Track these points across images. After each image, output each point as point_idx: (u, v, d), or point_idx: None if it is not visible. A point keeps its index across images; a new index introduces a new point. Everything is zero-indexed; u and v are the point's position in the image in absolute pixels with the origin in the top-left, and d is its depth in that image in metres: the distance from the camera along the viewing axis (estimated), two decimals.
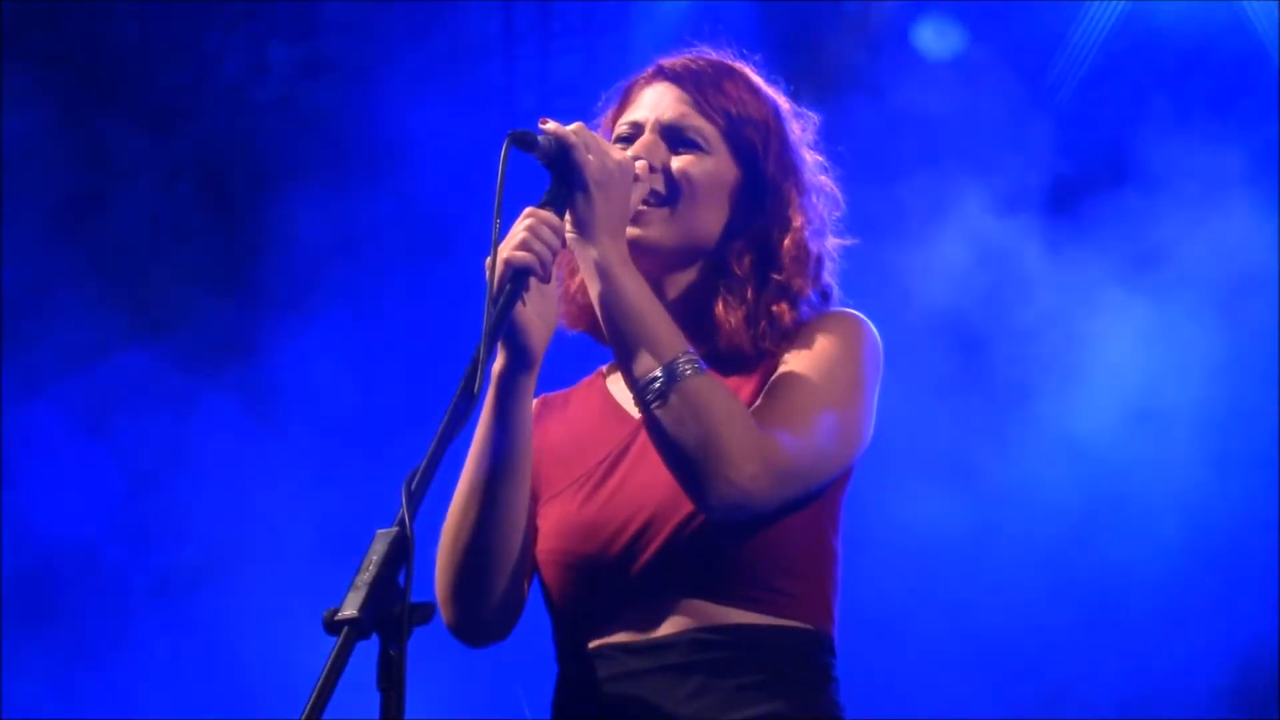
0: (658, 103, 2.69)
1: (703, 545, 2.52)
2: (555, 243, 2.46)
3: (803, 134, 2.75)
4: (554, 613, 2.64)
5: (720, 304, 2.65)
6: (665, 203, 2.64)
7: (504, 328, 2.45)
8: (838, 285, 2.73)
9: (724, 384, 2.50)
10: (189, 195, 5.83)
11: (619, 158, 2.55)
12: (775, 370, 2.61)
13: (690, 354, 2.48)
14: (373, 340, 5.78)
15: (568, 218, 2.52)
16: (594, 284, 2.51)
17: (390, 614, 2.02)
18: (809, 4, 5.73)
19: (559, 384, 2.81)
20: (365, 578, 2.02)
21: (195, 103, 5.83)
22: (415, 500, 2.11)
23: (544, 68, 5.81)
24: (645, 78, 2.74)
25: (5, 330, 5.71)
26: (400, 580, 2.04)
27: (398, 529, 2.06)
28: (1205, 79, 5.61)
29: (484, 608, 2.60)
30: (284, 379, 5.73)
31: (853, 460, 2.61)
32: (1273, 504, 5.45)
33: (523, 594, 2.64)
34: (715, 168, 2.67)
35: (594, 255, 2.50)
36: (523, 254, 2.43)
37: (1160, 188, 5.60)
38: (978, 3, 5.68)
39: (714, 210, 2.67)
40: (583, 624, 2.59)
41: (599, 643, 2.57)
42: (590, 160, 2.50)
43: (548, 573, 2.62)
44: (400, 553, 2.04)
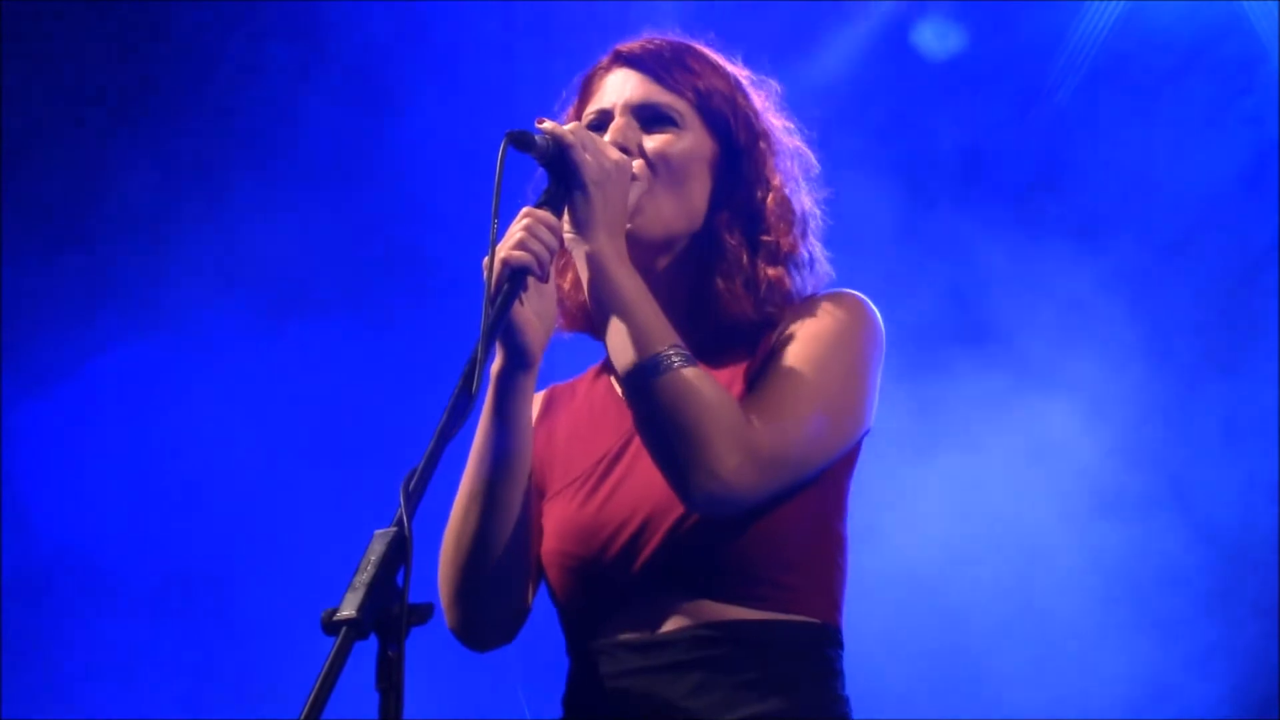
0: (622, 87, 2.68)
1: (700, 543, 2.51)
2: (553, 242, 2.46)
3: (767, 100, 2.75)
4: (561, 612, 2.65)
5: (719, 277, 2.64)
6: (650, 186, 2.62)
7: (502, 327, 2.45)
8: (822, 246, 2.72)
9: (711, 375, 2.49)
10: (189, 194, 5.83)
11: (616, 157, 2.55)
12: (773, 348, 2.59)
13: (679, 346, 2.47)
14: (373, 340, 5.78)
15: (565, 217, 2.52)
16: (588, 281, 2.51)
17: (389, 614, 2.01)
18: (809, 4, 5.73)
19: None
20: (363, 578, 2.01)
21: (196, 102, 5.83)
22: (413, 500, 2.10)
23: (544, 68, 5.81)
24: (603, 66, 2.74)
25: (5, 330, 5.71)
26: (398, 580, 2.04)
27: (396, 529, 2.05)
28: (1205, 79, 5.61)
29: (488, 611, 2.60)
30: (284, 379, 5.73)
31: (849, 446, 2.59)
32: (1273, 506, 5.45)
33: (528, 596, 2.64)
34: (692, 143, 2.67)
35: (591, 254, 2.50)
36: (520, 254, 2.43)
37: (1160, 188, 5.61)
38: (978, 3, 5.68)
39: (697, 185, 2.66)
40: (587, 623, 2.59)
41: (603, 641, 2.57)
42: (588, 160, 2.50)
43: (550, 574, 2.62)
44: (398, 553, 2.04)
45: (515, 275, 2.43)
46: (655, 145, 2.65)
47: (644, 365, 2.46)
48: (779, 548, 2.53)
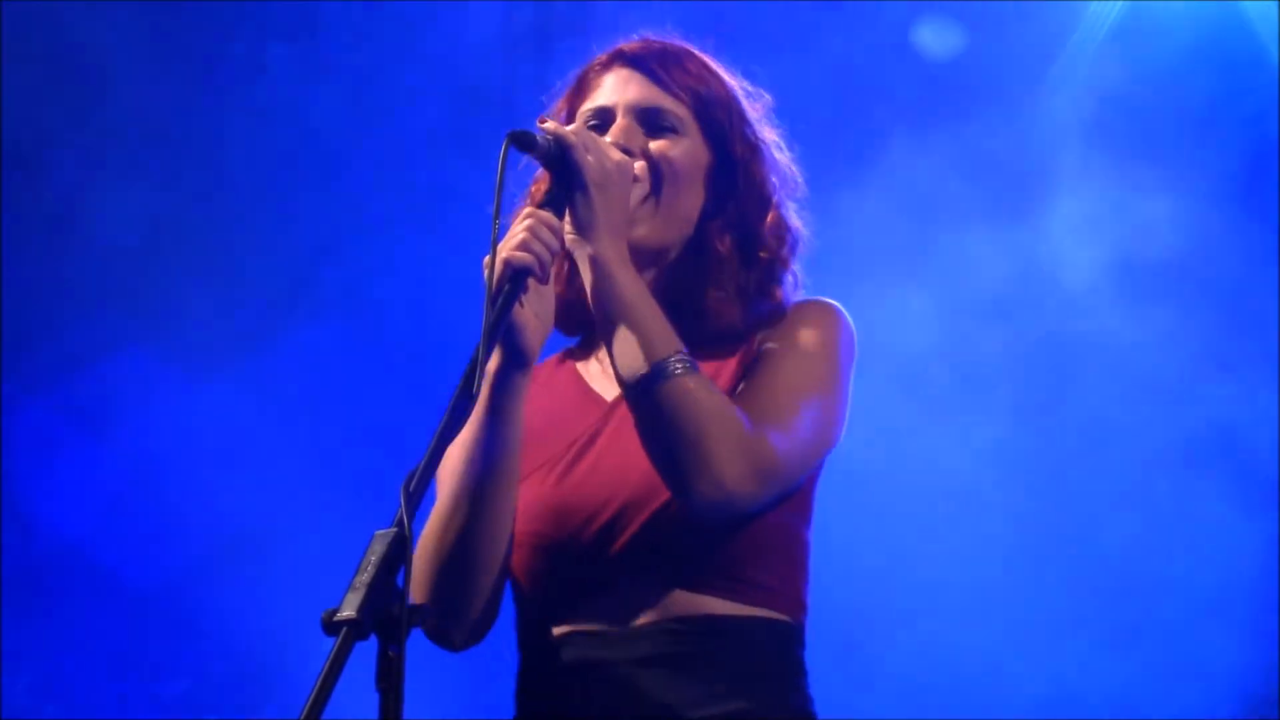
0: (624, 87, 2.69)
1: (677, 534, 2.52)
2: (554, 243, 2.47)
3: (761, 113, 2.76)
4: (521, 597, 2.62)
5: (708, 286, 2.66)
6: (650, 191, 2.64)
7: (503, 328, 2.45)
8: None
9: (714, 384, 2.50)
10: (189, 194, 5.83)
11: (618, 158, 2.55)
12: (755, 356, 2.62)
13: (682, 353, 2.48)
14: (373, 340, 5.78)
15: (566, 218, 2.52)
16: (591, 282, 2.51)
17: (389, 615, 2.01)
18: (809, 5, 5.72)
19: None
20: (363, 578, 2.02)
21: (196, 103, 5.83)
22: (414, 501, 2.11)
23: (544, 68, 5.81)
24: (601, 64, 2.74)
25: (5, 330, 5.71)
26: (399, 581, 2.04)
27: (396, 530, 2.06)
28: (1205, 79, 5.61)
29: (464, 611, 2.57)
30: (284, 379, 5.73)
31: (830, 450, 2.62)
32: (1273, 506, 5.45)
33: (501, 595, 2.62)
34: (691, 149, 2.68)
35: (593, 255, 2.51)
36: (522, 254, 2.43)
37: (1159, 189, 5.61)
38: (978, 3, 5.68)
39: (693, 192, 2.68)
40: (552, 610, 2.58)
41: (568, 629, 2.56)
42: (589, 161, 2.51)
43: (518, 555, 2.60)
44: (398, 553, 2.04)
45: (516, 276, 2.43)
46: (657, 150, 2.66)
47: (648, 372, 2.46)
48: (753, 543, 2.55)
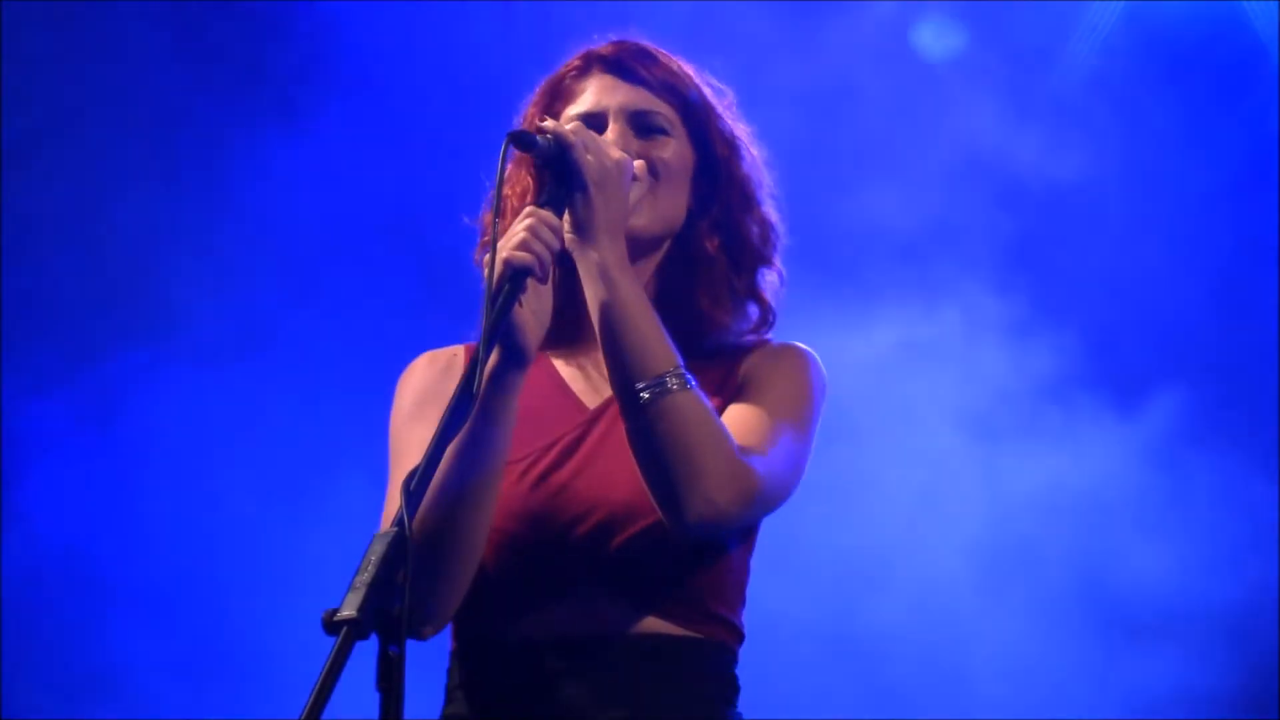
0: (610, 91, 2.70)
1: (651, 556, 2.54)
2: (555, 243, 2.47)
3: (729, 110, 2.78)
4: (474, 596, 2.57)
5: (697, 286, 2.69)
6: (648, 189, 2.65)
7: (503, 327, 2.45)
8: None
9: (709, 403, 2.51)
10: (190, 194, 5.83)
11: (617, 157, 2.55)
12: (743, 383, 2.65)
13: (680, 369, 2.48)
14: (373, 340, 5.77)
15: (566, 218, 2.52)
16: (590, 286, 2.51)
17: (389, 614, 2.02)
18: (810, 5, 5.72)
19: None
20: (364, 578, 2.01)
21: (196, 103, 5.83)
22: (414, 500, 2.11)
23: (544, 67, 5.80)
24: (576, 69, 2.76)
25: (6, 331, 5.71)
26: (399, 580, 2.04)
27: (396, 529, 2.06)
28: (1205, 79, 5.61)
29: (437, 601, 2.55)
30: (285, 378, 5.73)
31: (794, 490, 2.65)
32: (1273, 506, 5.45)
33: (466, 588, 2.59)
34: (680, 150, 2.70)
35: (593, 257, 2.51)
36: (522, 254, 2.43)
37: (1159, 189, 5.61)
38: (978, 3, 5.68)
39: (682, 193, 2.69)
40: (507, 609, 2.57)
41: (517, 633, 2.56)
42: (589, 160, 2.51)
43: (486, 552, 2.57)
44: (399, 553, 2.04)
45: (516, 275, 2.43)
46: (652, 152, 2.67)
47: (646, 385, 2.47)
48: (720, 575, 2.59)
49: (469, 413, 2.28)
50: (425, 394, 2.72)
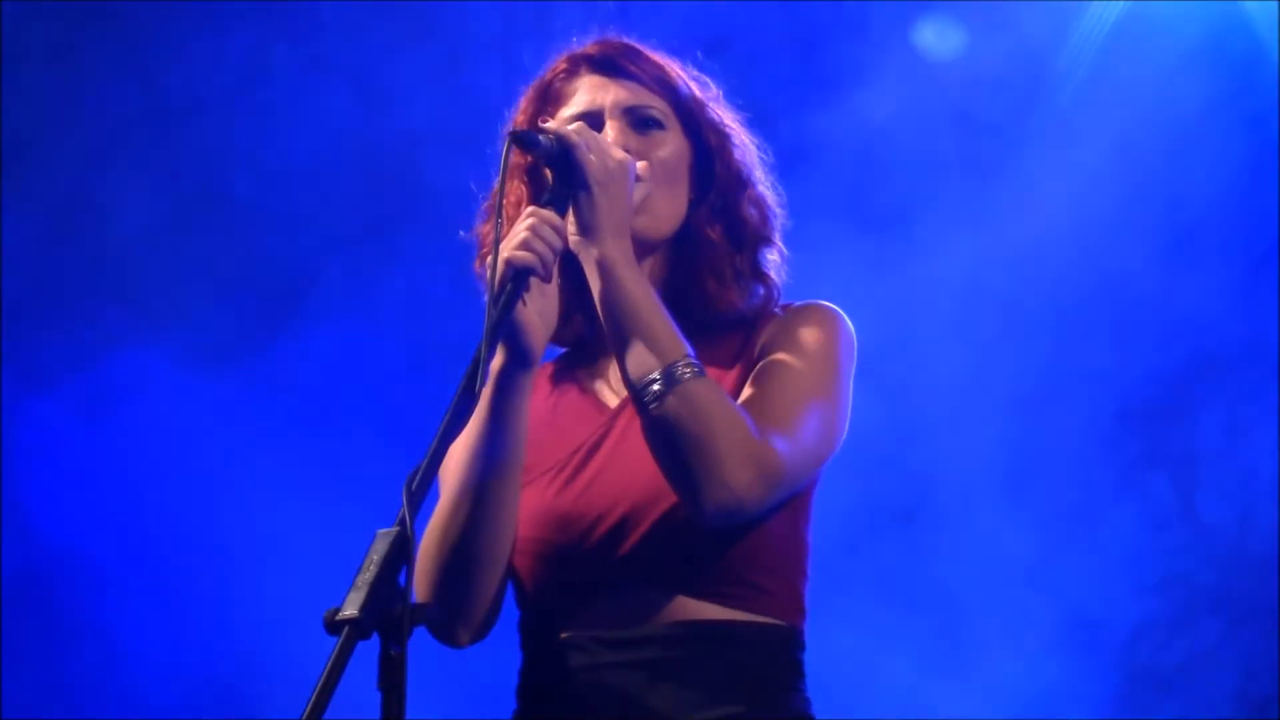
0: (603, 90, 2.71)
1: (681, 541, 2.53)
2: (557, 242, 2.47)
3: (713, 97, 2.79)
4: (524, 600, 2.63)
5: (706, 273, 2.69)
6: (647, 190, 2.65)
7: (505, 327, 2.46)
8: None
9: (722, 389, 2.51)
10: (190, 194, 5.83)
11: (620, 157, 2.56)
12: (757, 358, 2.63)
13: (690, 358, 2.48)
14: (374, 340, 5.78)
15: (569, 218, 2.52)
16: (596, 284, 2.52)
17: (391, 614, 2.02)
18: (810, 5, 5.73)
19: None
20: (366, 577, 2.02)
21: (196, 103, 5.83)
22: (416, 500, 2.11)
23: (544, 67, 5.80)
24: (564, 71, 2.76)
25: (5, 330, 5.71)
26: (401, 580, 2.04)
27: (398, 529, 2.06)
28: (1205, 79, 5.61)
29: (469, 608, 2.58)
30: (285, 379, 5.73)
31: (833, 454, 2.63)
32: (1273, 506, 5.45)
33: (504, 594, 2.63)
34: (677, 144, 2.71)
35: (597, 255, 2.51)
36: (524, 254, 2.44)
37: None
38: (978, 3, 5.68)
39: (682, 186, 2.70)
40: (554, 614, 2.59)
41: (570, 634, 2.57)
42: (592, 160, 2.51)
43: (520, 561, 2.60)
44: (401, 553, 2.05)
45: (519, 275, 2.43)
46: (651, 148, 2.67)
47: (656, 376, 2.47)
48: (756, 549, 2.57)
49: (469, 412, 2.29)
50: None
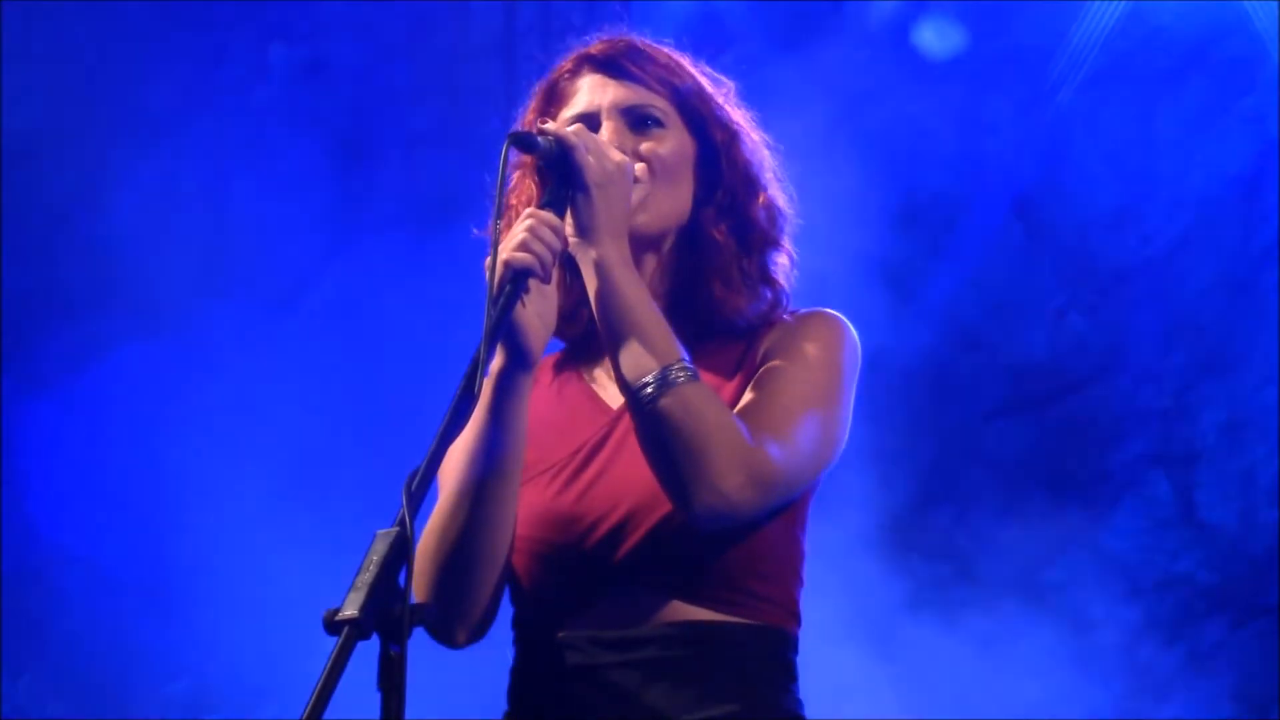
0: (602, 90, 2.69)
1: (679, 543, 2.53)
2: (556, 244, 2.47)
3: (730, 97, 2.77)
4: (520, 599, 2.63)
5: (711, 273, 2.67)
6: (644, 188, 2.64)
7: (504, 329, 2.46)
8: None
9: (715, 394, 2.51)
10: (189, 194, 5.84)
11: (618, 159, 2.56)
12: (759, 364, 2.63)
13: (683, 361, 2.49)
14: (374, 340, 5.78)
15: (568, 219, 2.52)
16: (593, 285, 2.52)
17: (391, 614, 2.02)
18: (810, 4, 5.73)
19: None
20: (366, 578, 2.02)
21: (196, 103, 5.84)
22: (416, 501, 2.11)
23: (544, 68, 5.81)
24: (569, 71, 2.75)
25: (5, 330, 5.71)
26: (400, 580, 2.05)
27: (398, 529, 2.06)
28: (1205, 79, 5.61)
29: (466, 608, 2.58)
30: (284, 379, 5.74)
31: (832, 463, 2.62)
32: (1273, 506, 5.46)
33: (502, 594, 2.63)
34: (678, 142, 2.69)
35: (594, 257, 2.51)
36: (523, 255, 2.44)
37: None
38: (978, 3, 5.69)
39: (685, 184, 2.68)
40: (550, 613, 2.58)
41: (566, 633, 2.57)
42: (590, 162, 2.51)
43: (518, 560, 2.60)
44: (400, 553, 2.05)
45: (518, 277, 2.43)
46: (649, 147, 2.66)
47: (650, 380, 2.47)
48: (753, 553, 2.56)
49: (468, 413, 2.29)
50: None
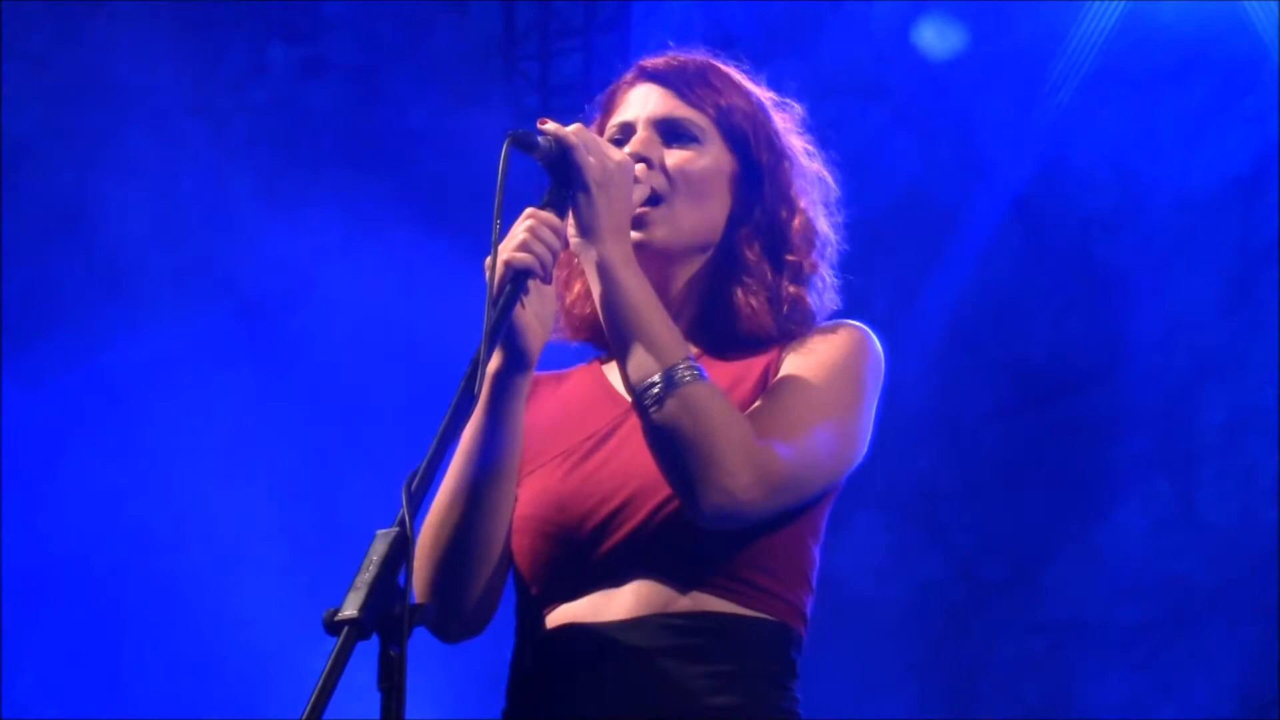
0: (645, 101, 2.70)
1: (680, 531, 2.52)
2: (556, 244, 2.47)
3: (789, 123, 2.76)
4: (522, 584, 2.63)
5: (739, 291, 2.66)
6: (665, 200, 2.64)
7: (504, 329, 2.46)
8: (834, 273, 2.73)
9: (722, 392, 2.50)
10: (189, 194, 5.84)
11: (619, 158, 2.55)
12: (780, 368, 2.62)
13: (690, 360, 2.49)
14: (374, 340, 5.78)
15: (569, 219, 2.52)
16: (597, 285, 2.52)
17: (391, 614, 2.02)
18: (809, 4, 5.73)
19: None
20: (365, 578, 2.02)
21: (197, 103, 5.84)
22: (416, 501, 2.11)
23: (544, 68, 5.81)
24: (627, 81, 2.75)
25: (5, 328, 5.72)
26: (400, 580, 2.05)
27: (398, 529, 2.06)
28: (1205, 79, 5.61)
29: (462, 604, 2.58)
30: (284, 379, 5.74)
31: (849, 471, 2.62)
32: (1273, 506, 5.46)
33: (500, 590, 2.63)
34: (712, 158, 2.68)
35: (596, 256, 2.51)
36: (523, 255, 2.44)
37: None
38: (978, 3, 5.69)
39: (716, 201, 2.67)
40: (551, 596, 2.58)
41: (565, 619, 2.56)
42: (590, 161, 2.51)
43: (522, 540, 2.60)
44: (400, 553, 2.05)
45: (518, 277, 2.43)
46: (676, 160, 2.66)
47: (656, 379, 2.47)
48: (757, 550, 2.55)
49: (468, 413, 2.29)
50: None
